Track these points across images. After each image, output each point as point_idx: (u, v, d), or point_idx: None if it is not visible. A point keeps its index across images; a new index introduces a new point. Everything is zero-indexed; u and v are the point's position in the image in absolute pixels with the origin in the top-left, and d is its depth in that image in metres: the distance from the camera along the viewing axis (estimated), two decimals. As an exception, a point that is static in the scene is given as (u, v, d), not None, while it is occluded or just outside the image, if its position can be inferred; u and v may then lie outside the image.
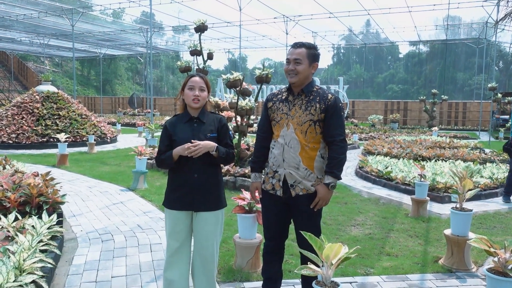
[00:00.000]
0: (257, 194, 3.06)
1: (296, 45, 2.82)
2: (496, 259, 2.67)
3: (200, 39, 9.53)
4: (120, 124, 21.27)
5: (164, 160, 2.77)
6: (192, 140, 2.69)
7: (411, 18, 24.18)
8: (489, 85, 18.28)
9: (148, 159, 9.30)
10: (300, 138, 2.77)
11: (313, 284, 2.32)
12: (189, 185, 2.75)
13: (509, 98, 20.34)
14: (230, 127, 9.13)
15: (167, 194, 2.85)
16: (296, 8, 28.59)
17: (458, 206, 4.00)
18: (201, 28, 9.48)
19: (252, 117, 8.83)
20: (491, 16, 20.18)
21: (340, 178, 2.84)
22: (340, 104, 2.84)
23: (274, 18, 25.18)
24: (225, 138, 2.87)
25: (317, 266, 2.35)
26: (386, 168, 8.63)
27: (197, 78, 2.81)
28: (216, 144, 2.75)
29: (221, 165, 3.02)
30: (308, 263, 2.39)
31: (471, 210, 3.94)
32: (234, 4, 21.45)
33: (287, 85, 2.95)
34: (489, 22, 22.47)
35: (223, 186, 2.97)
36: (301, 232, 2.52)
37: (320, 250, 2.31)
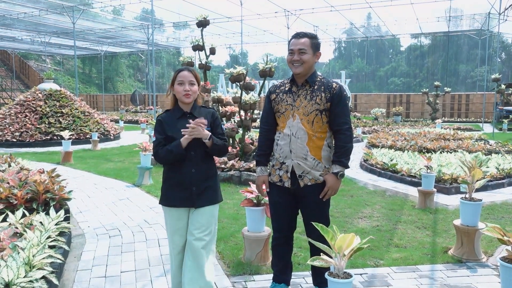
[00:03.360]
0: (264, 187, 3.03)
1: (299, 35, 2.81)
2: (509, 247, 2.65)
3: (202, 34, 9.50)
4: (122, 121, 21.29)
5: (172, 150, 2.62)
6: (191, 121, 2.63)
7: (413, 10, 23.97)
8: (493, 76, 18.18)
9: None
10: (307, 128, 2.76)
11: (326, 275, 2.31)
12: (187, 181, 2.69)
13: (512, 89, 20.23)
14: (233, 121, 9.13)
15: (164, 192, 2.77)
16: (297, 2, 28.39)
17: (467, 196, 3.98)
18: (202, 23, 9.44)
19: (256, 111, 8.79)
20: (494, 6, 20.02)
21: (348, 167, 2.83)
22: (345, 93, 2.84)
23: (275, 12, 25.09)
24: (217, 129, 2.81)
25: (329, 257, 2.34)
26: (391, 160, 8.59)
27: (185, 72, 2.73)
28: (210, 133, 2.70)
29: (224, 158, 2.99)
30: (321, 254, 2.37)
31: (481, 200, 3.91)
32: (235, -1, 21.37)
33: (289, 77, 2.93)
34: (491, 13, 22.31)
35: (218, 179, 2.90)
36: (313, 223, 2.51)
37: (333, 241, 2.29)
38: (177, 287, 2.81)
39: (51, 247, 3.55)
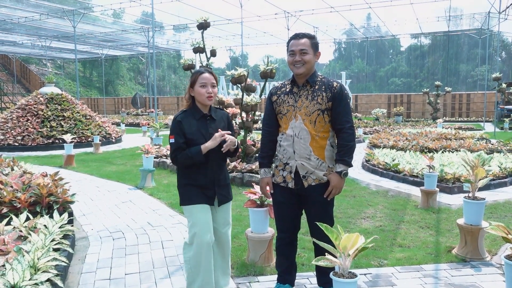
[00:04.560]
0: (268, 189, 3.04)
1: (298, 36, 2.83)
2: (514, 246, 2.65)
3: (202, 36, 9.51)
4: (124, 124, 21.31)
5: (192, 157, 2.69)
6: (223, 133, 2.75)
7: (413, 10, 24.00)
8: (493, 75, 18.16)
9: (155, 157, 9.30)
10: (310, 129, 2.78)
11: (331, 275, 2.31)
12: (211, 182, 2.80)
13: (513, 88, 20.21)
14: (235, 123, 9.15)
15: (186, 193, 2.78)
16: (297, 3, 28.56)
17: (470, 195, 3.97)
18: (203, 25, 9.45)
19: (257, 112, 8.81)
20: (494, 5, 20.03)
21: (351, 165, 2.84)
22: (345, 92, 2.85)
23: (275, 14, 25.11)
24: (232, 132, 2.91)
25: (334, 257, 2.34)
26: (393, 160, 8.59)
27: (207, 75, 2.77)
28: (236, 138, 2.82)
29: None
30: (326, 254, 2.38)
31: (484, 199, 3.91)
32: (234, 1, 21.40)
33: (290, 78, 2.95)
34: (491, 12, 22.31)
35: None
36: (317, 223, 2.51)
37: (337, 240, 2.29)
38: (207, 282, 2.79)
39: (55, 250, 3.55)
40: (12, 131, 13.30)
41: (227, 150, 2.82)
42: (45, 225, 3.90)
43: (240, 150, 8.39)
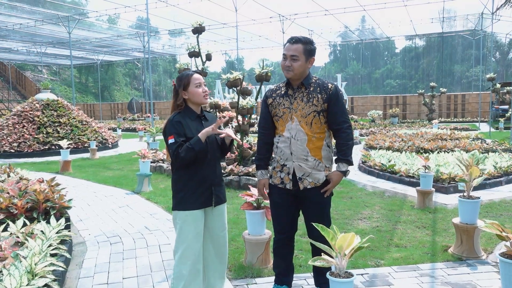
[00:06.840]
0: (265, 190, 3.05)
1: (293, 41, 2.80)
2: (508, 243, 2.68)
3: (198, 41, 9.54)
4: (120, 130, 21.28)
5: (193, 147, 2.60)
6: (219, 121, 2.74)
7: (407, 12, 24.17)
8: (488, 76, 18.29)
9: (152, 162, 9.31)
10: (306, 130, 2.80)
11: (327, 275, 2.32)
12: (208, 181, 2.78)
13: (508, 88, 20.35)
14: (231, 126, 9.17)
15: (184, 196, 2.73)
16: (292, 6, 28.88)
17: (465, 194, 4.00)
18: (198, 30, 9.49)
19: (253, 116, 8.83)
20: (487, 6, 20.18)
21: (353, 164, 2.90)
22: (340, 92, 2.89)
23: (270, 17, 25.19)
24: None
25: (330, 257, 2.35)
26: (389, 161, 8.63)
27: (199, 75, 2.83)
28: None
29: (222, 163, 3.10)
30: (322, 254, 2.39)
31: (479, 198, 3.94)
32: (229, 5, 21.47)
33: (285, 81, 2.97)
34: (484, 13, 22.46)
35: None
36: (313, 224, 2.53)
37: (333, 241, 2.31)
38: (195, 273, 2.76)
39: (52, 255, 3.55)
40: (8, 138, 13.26)
41: (223, 145, 2.86)
42: (42, 231, 3.90)
43: (236, 153, 8.44)
